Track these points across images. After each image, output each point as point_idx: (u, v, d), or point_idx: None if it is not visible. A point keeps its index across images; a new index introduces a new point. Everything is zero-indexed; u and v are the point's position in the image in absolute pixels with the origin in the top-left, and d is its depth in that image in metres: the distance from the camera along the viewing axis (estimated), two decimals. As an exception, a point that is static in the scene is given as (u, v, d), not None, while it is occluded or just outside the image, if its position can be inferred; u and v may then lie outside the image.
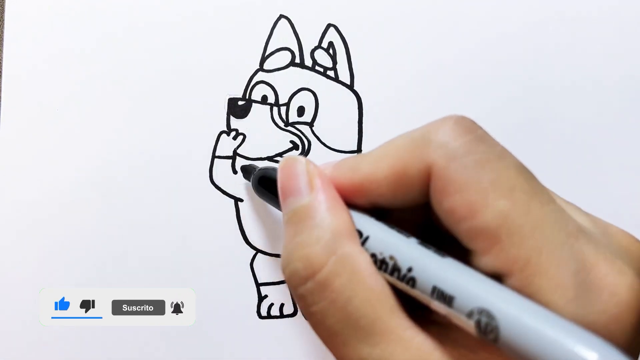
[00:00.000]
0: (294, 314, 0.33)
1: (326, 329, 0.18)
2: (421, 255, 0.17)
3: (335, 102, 0.34)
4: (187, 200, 0.33)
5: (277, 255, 0.33)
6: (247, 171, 0.32)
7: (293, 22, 0.34)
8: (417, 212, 0.19)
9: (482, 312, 0.15)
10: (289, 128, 0.34)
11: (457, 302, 0.16)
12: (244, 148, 0.34)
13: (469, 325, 0.15)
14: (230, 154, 0.34)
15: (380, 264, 0.18)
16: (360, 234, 0.19)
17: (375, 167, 0.19)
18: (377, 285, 0.17)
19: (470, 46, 0.34)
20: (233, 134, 0.34)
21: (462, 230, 0.16)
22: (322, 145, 0.34)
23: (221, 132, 0.34)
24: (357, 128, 0.34)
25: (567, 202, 0.18)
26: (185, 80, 0.33)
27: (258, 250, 0.33)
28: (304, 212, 0.19)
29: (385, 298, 0.17)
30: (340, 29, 0.34)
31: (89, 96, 0.33)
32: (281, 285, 0.33)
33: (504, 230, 0.16)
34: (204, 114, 0.33)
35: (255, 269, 0.33)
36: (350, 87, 0.34)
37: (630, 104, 0.35)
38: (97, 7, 0.33)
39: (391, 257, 0.17)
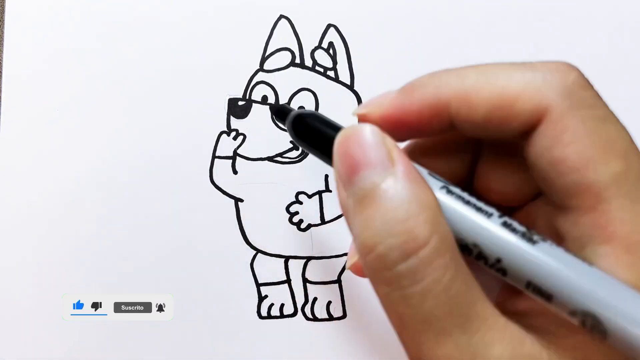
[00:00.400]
0: (294, 314, 0.33)
1: (422, 315, 0.15)
2: (510, 243, 0.15)
3: (335, 102, 0.34)
4: (187, 200, 0.33)
5: (277, 256, 0.33)
6: (280, 112, 0.25)
7: (293, 22, 0.34)
8: (464, 164, 0.18)
9: (587, 314, 0.14)
10: (289, 128, 0.34)
11: (557, 300, 0.15)
12: (244, 148, 0.34)
13: (573, 320, 0.15)
14: (230, 154, 0.34)
15: (463, 248, 0.16)
16: None
17: (474, 88, 0.17)
18: (469, 269, 0.16)
19: (470, 46, 0.34)
20: (233, 134, 0.34)
21: (566, 182, 0.16)
22: (322, 146, 0.34)
23: (221, 132, 0.34)
24: (357, 128, 0.34)
25: None
26: (186, 81, 0.34)
27: (258, 250, 0.33)
28: (391, 187, 0.16)
29: (477, 285, 0.16)
30: (340, 29, 0.34)
31: (89, 96, 0.33)
32: (281, 286, 0.33)
33: (615, 190, 0.15)
34: (204, 114, 0.33)
35: (255, 269, 0.33)
36: (350, 87, 0.34)
37: (630, 103, 0.35)
38: (97, 8, 0.33)
39: (475, 245, 0.16)
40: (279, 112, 0.25)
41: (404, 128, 0.18)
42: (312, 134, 0.22)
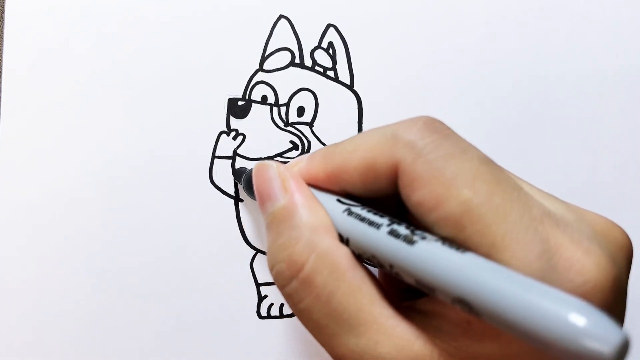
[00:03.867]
0: (293, 314, 0.33)
1: (314, 324, 0.18)
2: (394, 249, 0.17)
3: (335, 102, 0.34)
4: (187, 200, 0.33)
5: (277, 255, 0.33)
6: (238, 174, 0.33)
7: (293, 22, 0.34)
8: (390, 198, 0.20)
9: (461, 301, 0.15)
10: (289, 128, 0.34)
11: (439, 292, 0.16)
12: (244, 148, 0.34)
13: (456, 307, 0.16)
14: (230, 154, 0.34)
15: (370, 262, 0.18)
16: (340, 237, 0.19)
17: (347, 158, 0.19)
18: (356, 277, 0.18)
19: (470, 46, 0.34)
20: (233, 134, 0.34)
21: (430, 221, 0.17)
22: (322, 146, 0.34)
23: (221, 132, 0.34)
24: (357, 128, 0.34)
25: (539, 190, 0.19)
26: (185, 80, 0.34)
27: (258, 250, 0.33)
28: (281, 215, 0.20)
29: (366, 289, 0.18)
30: (340, 29, 0.34)
31: (89, 96, 0.33)
32: (281, 286, 0.33)
33: (467, 218, 0.16)
34: (204, 114, 0.33)
35: (255, 269, 0.33)
36: (350, 87, 0.34)
37: (630, 103, 0.35)
38: (97, 7, 0.33)
39: (373, 256, 0.18)
40: (236, 174, 0.33)
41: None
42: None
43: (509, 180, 0.17)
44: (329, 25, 0.34)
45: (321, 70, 0.34)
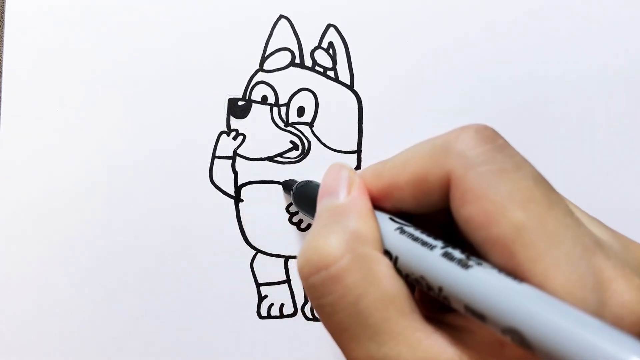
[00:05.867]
0: (294, 314, 0.33)
1: (334, 323, 0.18)
2: (447, 272, 0.17)
3: (335, 102, 0.34)
4: (187, 200, 0.33)
5: (277, 256, 0.33)
6: (288, 186, 0.33)
7: (293, 22, 0.34)
8: (441, 213, 0.19)
9: (513, 331, 0.15)
10: (289, 128, 0.34)
11: (489, 320, 0.15)
12: (244, 148, 0.34)
13: (506, 338, 0.15)
14: (230, 154, 0.34)
15: (417, 283, 0.18)
16: (389, 255, 0.19)
17: (398, 173, 0.19)
18: (392, 288, 0.17)
19: (470, 46, 0.34)
20: (233, 134, 0.34)
21: (479, 238, 0.17)
22: (322, 146, 0.34)
23: (221, 132, 0.34)
24: (357, 128, 0.34)
25: (587, 215, 0.18)
26: (185, 81, 0.34)
27: (258, 250, 0.33)
28: (335, 210, 0.19)
29: (399, 301, 0.17)
30: (340, 29, 0.34)
31: (89, 96, 0.33)
32: (281, 286, 0.33)
33: (519, 243, 0.15)
34: (204, 114, 0.33)
35: (255, 269, 0.33)
36: (350, 87, 0.34)
37: (630, 102, 0.35)
38: (97, 7, 0.33)
39: (422, 277, 0.17)
40: (286, 186, 0.33)
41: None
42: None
43: (561, 204, 0.16)
44: (329, 25, 0.34)
45: (321, 70, 0.34)
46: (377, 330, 0.17)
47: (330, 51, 0.34)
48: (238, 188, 0.34)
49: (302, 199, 0.30)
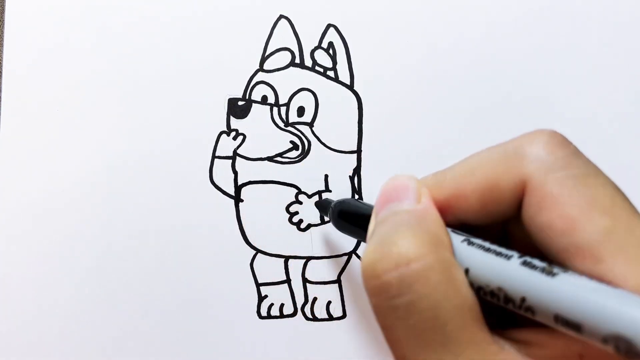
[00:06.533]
0: (294, 314, 0.33)
1: (407, 327, 0.16)
2: (531, 280, 0.16)
3: (335, 102, 0.34)
4: (187, 200, 0.33)
5: (277, 256, 0.33)
6: (323, 206, 0.31)
7: (293, 22, 0.34)
8: (496, 226, 0.19)
9: (619, 338, 0.14)
10: (289, 128, 0.34)
11: (587, 329, 0.14)
12: (244, 148, 0.34)
13: (607, 348, 0.14)
14: (230, 154, 0.34)
15: (491, 295, 0.17)
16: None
17: (463, 182, 0.18)
18: (469, 296, 0.16)
19: (470, 46, 0.34)
20: (233, 134, 0.34)
21: (559, 246, 0.16)
22: (322, 146, 0.34)
23: (221, 132, 0.34)
24: (357, 128, 0.34)
25: None
26: (185, 81, 0.34)
27: (258, 250, 0.33)
28: (408, 213, 0.18)
29: (476, 311, 0.16)
30: (340, 29, 0.34)
31: (88, 96, 0.33)
32: (281, 286, 0.33)
33: (608, 248, 0.15)
34: (204, 114, 0.33)
35: (255, 269, 0.33)
36: (350, 87, 0.34)
37: (630, 102, 0.35)
38: (97, 7, 0.33)
39: (499, 289, 0.16)
40: (321, 206, 0.32)
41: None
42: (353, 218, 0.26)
43: (638, 212, 0.16)
44: (329, 25, 0.34)
45: (321, 70, 0.34)
46: (454, 338, 0.16)
47: (330, 51, 0.34)
48: (238, 188, 0.34)
49: (345, 216, 0.27)
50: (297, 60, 0.34)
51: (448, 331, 0.16)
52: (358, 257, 0.33)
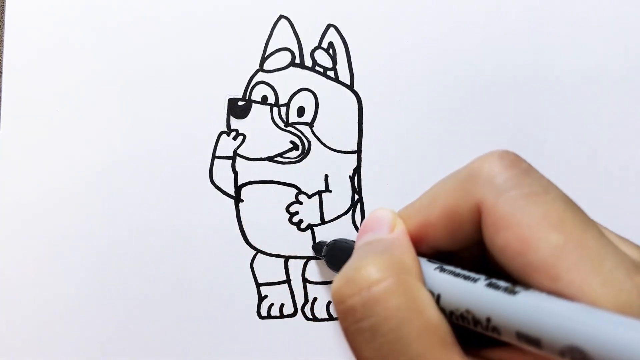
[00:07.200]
0: (294, 314, 0.33)
1: (372, 350, 0.16)
2: (494, 300, 0.16)
3: (335, 102, 0.34)
4: (187, 200, 0.33)
5: (277, 256, 0.33)
6: (318, 249, 0.33)
7: (293, 22, 0.34)
8: (475, 248, 0.19)
9: (573, 349, 0.14)
10: (289, 128, 0.34)
11: (545, 343, 0.15)
12: (244, 148, 0.34)
13: None
14: (230, 154, 0.34)
15: (462, 319, 0.17)
16: (431, 293, 0.18)
17: (428, 211, 0.19)
18: (435, 317, 0.17)
19: (470, 46, 0.34)
20: (233, 134, 0.34)
21: (517, 266, 0.16)
22: (322, 146, 0.34)
23: (221, 132, 0.34)
24: (357, 128, 0.34)
25: (615, 234, 0.18)
26: (185, 81, 0.34)
27: (258, 250, 0.33)
28: (377, 242, 0.19)
29: (441, 332, 0.17)
30: (340, 29, 0.34)
31: (88, 96, 0.33)
32: (281, 286, 0.33)
33: (562, 266, 0.15)
34: (204, 114, 0.33)
35: (255, 269, 0.33)
36: (350, 87, 0.34)
37: (630, 102, 0.35)
38: (97, 7, 0.33)
39: (467, 311, 0.17)
40: (316, 249, 0.34)
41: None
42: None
43: (594, 225, 0.16)
44: (329, 25, 0.34)
45: (321, 70, 0.34)
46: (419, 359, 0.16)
47: (330, 51, 0.34)
48: (238, 188, 0.34)
49: (335, 255, 0.31)
50: (297, 60, 0.34)
51: (412, 353, 0.16)
52: (358, 257, 0.34)
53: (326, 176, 0.34)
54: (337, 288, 0.17)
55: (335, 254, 0.31)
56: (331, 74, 0.34)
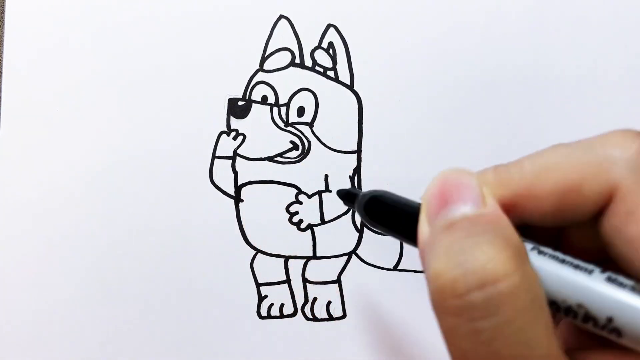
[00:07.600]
0: (294, 314, 0.33)
1: (491, 352, 0.14)
2: (619, 299, 0.14)
3: (335, 102, 0.34)
4: (187, 200, 0.33)
5: (277, 256, 0.33)
6: (349, 196, 0.25)
7: (293, 22, 0.34)
8: (554, 229, 0.17)
9: None
10: (289, 128, 0.34)
11: None
12: (244, 148, 0.34)
13: None
14: (230, 154, 0.34)
15: (565, 312, 0.15)
16: None
17: (537, 180, 0.16)
18: (550, 314, 0.15)
19: (470, 46, 0.34)
20: (233, 134, 0.34)
21: None
22: (322, 146, 0.34)
23: (221, 132, 0.34)
24: (357, 128, 0.34)
25: None
26: (185, 81, 0.34)
27: (258, 250, 0.33)
28: (479, 219, 0.16)
29: (558, 333, 0.15)
30: (340, 29, 0.34)
31: (88, 96, 0.33)
32: (281, 286, 0.33)
33: None
34: (204, 114, 0.33)
35: (255, 269, 0.33)
36: (350, 87, 0.34)
37: (630, 102, 0.35)
38: (97, 7, 0.33)
39: (580, 305, 0.15)
40: (347, 196, 0.25)
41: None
42: (390, 214, 0.21)
43: None
44: (329, 25, 0.34)
45: (321, 70, 0.34)
46: None
47: (330, 51, 0.34)
48: (238, 188, 0.34)
49: (379, 209, 0.22)
50: (297, 60, 0.34)
51: (536, 356, 0.14)
52: (358, 257, 0.33)
53: (326, 176, 0.34)
54: (451, 280, 0.15)
55: (380, 209, 0.22)
56: (331, 74, 0.34)
